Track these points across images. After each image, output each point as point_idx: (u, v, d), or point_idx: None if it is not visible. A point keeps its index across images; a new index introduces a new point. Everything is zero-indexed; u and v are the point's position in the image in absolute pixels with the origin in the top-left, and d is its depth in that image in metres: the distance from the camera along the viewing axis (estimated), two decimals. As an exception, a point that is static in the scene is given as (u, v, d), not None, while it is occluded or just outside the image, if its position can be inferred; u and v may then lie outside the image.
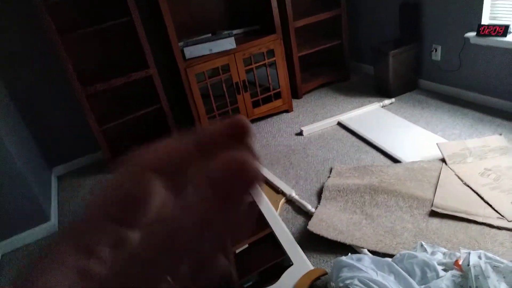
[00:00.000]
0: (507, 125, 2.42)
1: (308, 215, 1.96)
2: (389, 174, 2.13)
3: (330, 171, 2.29)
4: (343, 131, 2.74)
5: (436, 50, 2.92)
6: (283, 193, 2.15)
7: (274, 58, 2.98)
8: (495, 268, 1.28)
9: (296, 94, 3.39)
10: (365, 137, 2.57)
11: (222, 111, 2.94)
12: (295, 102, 3.30)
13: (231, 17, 3.15)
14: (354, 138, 2.62)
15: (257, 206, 0.20)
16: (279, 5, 2.93)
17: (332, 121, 2.88)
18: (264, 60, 2.94)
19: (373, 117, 2.84)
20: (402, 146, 2.39)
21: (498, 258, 1.34)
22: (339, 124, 2.84)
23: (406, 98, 3.05)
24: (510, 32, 2.40)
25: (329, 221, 1.87)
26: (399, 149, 2.36)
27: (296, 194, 2.12)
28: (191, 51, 2.70)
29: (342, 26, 3.36)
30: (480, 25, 2.49)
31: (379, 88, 3.19)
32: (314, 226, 1.85)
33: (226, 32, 2.91)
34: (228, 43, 2.76)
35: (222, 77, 2.83)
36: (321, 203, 2.02)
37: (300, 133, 2.81)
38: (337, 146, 2.57)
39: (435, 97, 2.97)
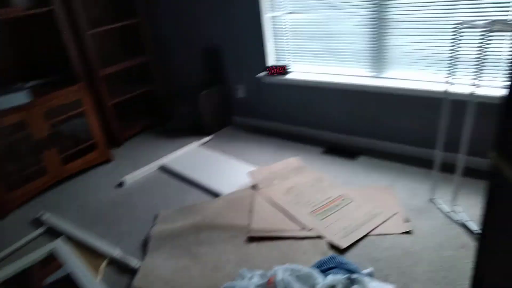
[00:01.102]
0: (301, 147, 2.86)
1: (134, 272, 1.84)
2: (210, 209, 2.22)
3: (156, 219, 2.24)
4: (166, 175, 2.74)
5: (239, 89, 3.28)
6: (104, 255, 1.97)
7: (82, 109, 2.78)
8: (298, 277, 1.46)
9: (114, 142, 3.24)
10: (187, 177, 2.63)
11: (25, 173, 2.55)
12: (114, 152, 3.15)
13: (27, 67, 2.82)
14: (177, 180, 2.65)
15: None
16: (83, 53, 2.78)
17: (154, 166, 2.85)
18: (71, 111, 2.72)
19: (194, 156, 2.95)
20: (221, 180, 2.54)
21: (300, 267, 1.53)
22: (162, 168, 2.84)
23: (222, 134, 3.29)
24: (288, 72, 2.90)
25: (156, 272, 1.80)
26: (218, 183, 2.50)
27: (120, 252, 1.98)
28: (-30, 111, 2.27)
29: (152, 71, 3.43)
30: (267, 67, 2.93)
31: (197, 128, 3.35)
32: (141, 282, 1.75)
33: (18, 85, 2.58)
34: (21, 97, 2.45)
35: (19, 135, 2.47)
36: (147, 255, 1.93)
37: (121, 184, 2.67)
38: (161, 191, 2.54)
39: (246, 130, 3.31)
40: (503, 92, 0.95)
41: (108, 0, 3.27)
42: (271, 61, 3.00)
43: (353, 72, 2.63)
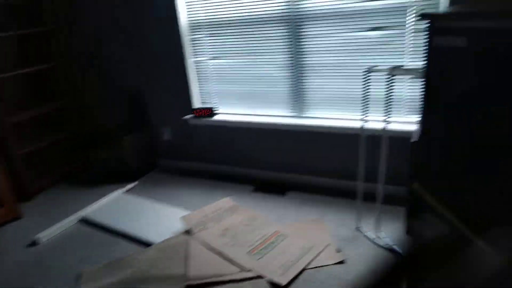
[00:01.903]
0: (232, 187, 2.87)
1: None
2: (142, 261, 2.08)
3: (79, 279, 2.01)
4: (88, 228, 2.52)
5: (165, 132, 3.22)
6: (17, 328, 1.70)
7: (-16, 161, 2.47)
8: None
9: (25, 196, 2.90)
10: (112, 228, 2.45)
11: None
12: (25, 207, 2.81)
13: None
14: (101, 232, 2.44)
15: None
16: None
17: (74, 219, 2.60)
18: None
19: (119, 204, 2.76)
20: (151, 228, 2.41)
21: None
22: (83, 220, 2.60)
23: (148, 179, 3.16)
24: (215, 113, 2.95)
25: None
26: (148, 231, 2.36)
27: (37, 322, 1.72)
28: None
29: (70, 117, 3.22)
30: (193, 109, 2.94)
31: (120, 174, 3.17)
32: None
33: None
34: None
35: None
36: (71, 321, 1.72)
37: (34, 243, 2.37)
38: (84, 247, 2.31)
39: (175, 173, 3.23)
40: (414, 129, 1.09)
41: (18, 45, 3.04)
42: (197, 103, 3.03)
43: (276, 113, 2.78)
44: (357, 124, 2.43)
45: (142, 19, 2.89)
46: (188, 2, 2.73)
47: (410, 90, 2.28)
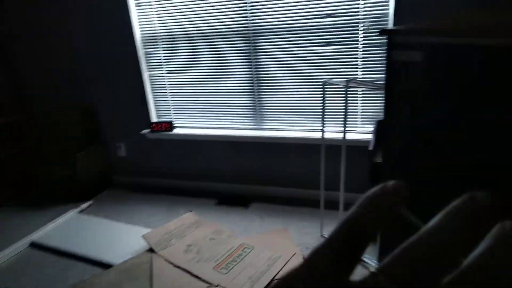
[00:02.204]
0: (194, 202, 2.82)
1: None
2: (103, 284, 1.96)
3: (31, 308, 1.86)
4: (40, 252, 2.34)
5: (120, 147, 3.10)
6: None
7: None
8: None
9: (-37, 223, 2.64)
10: (67, 251, 2.30)
11: None
12: (-36, 234, 2.56)
13: None
14: (55, 256, 2.28)
15: None
16: None
17: (23, 244, 2.41)
18: None
19: (73, 225, 2.61)
20: (111, 248, 2.29)
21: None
22: (33, 245, 2.42)
23: (104, 197, 3.02)
24: (174, 127, 2.90)
25: None
26: (108, 252, 2.25)
27: None
28: None
29: (18, 133, 3.00)
30: (151, 123, 2.87)
31: (74, 193, 3.00)
32: None
33: None
34: None
35: None
36: None
37: (-22, 273, 2.16)
38: (35, 273, 2.15)
39: (133, 190, 3.11)
40: (370, 138, 1.15)
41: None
42: (155, 117, 2.96)
43: (236, 125, 2.79)
44: (317, 135, 2.51)
45: (96, 33, 2.80)
46: (142, 15, 2.69)
47: (365, 101, 2.40)
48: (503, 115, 0.77)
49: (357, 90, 2.39)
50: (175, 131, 2.87)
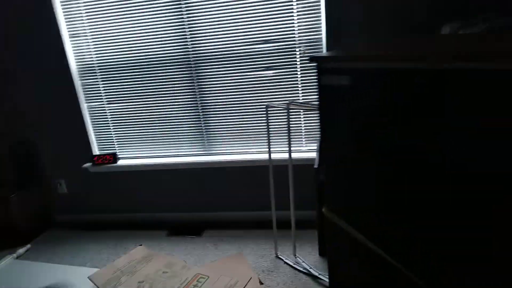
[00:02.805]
0: (144, 234, 2.71)
1: None
2: (45, 336, 1.80)
3: None
4: (-31, 309, 2.10)
5: (61, 184, 2.92)
6: None
7: None
8: None
9: None
10: (3, 303, 2.08)
11: None
12: None
13: None
14: (-12, 312, 2.06)
15: None
16: None
17: None
18: None
19: (9, 273, 2.38)
20: (54, 295, 2.12)
21: None
22: (-39, 301, 2.16)
23: (44, 239, 2.80)
24: (118, 159, 2.80)
25: None
26: (50, 300, 2.07)
27: None
28: None
29: None
30: (93, 156, 2.75)
31: (9, 238, 2.75)
32: None
33: None
34: None
35: None
36: None
37: None
38: (-35, 333, 1.92)
39: (76, 228, 2.92)
40: (315, 156, 1.21)
41: None
42: (97, 150, 2.84)
43: (183, 152, 2.76)
44: (264, 156, 2.55)
45: (28, 64, 2.66)
46: (77, 46, 2.60)
47: (307, 121, 2.49)
48: (417, 139, 0.84)
49: (299, 111, 2.48)
50: (120, 162, 2.77)
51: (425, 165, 0.84)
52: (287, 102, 2.01)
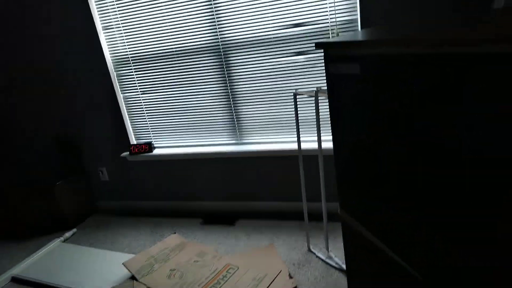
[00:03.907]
0: (179, 222, 2.76)
1: None
2: (82, 318, 1.89)
3: None
4: (21, 287, 2.27)
5: (102, 172, 3.04)
6: None
7: None
8: None
9: None
10: (50, 284, 2.22)
11: None
12: None
13: None
14: (35, 292, 2.21)
15: None
16: None
17: (3, 280, 2.33)
18: None
19: (56, 256, 2.54)
20: (93, 278, 2.22)
21: None
22: (15, 280, 2.34)
23: (88, 224, 2.95)
24: (154, 147, 2.85)
25: None
26: (90, 283, 2.17)
27: None
28: None
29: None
30: (130, 145, 2.82)
31: (56, 223, 2.93)
32: None
33: None
34: None
35: None
36: None
37: (-45, 316, 2.09)
38: (14, 311, 2.08)
39: (116, 214, 3.05)
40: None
41: None
42: (134, 139, 2.92)
43: (216, 141, 2.74)
44: (294, 146, 2.46)
45: (64, 59, 2.76)
46: (111, 38, 2.65)
47: (342, 108, 2.35)
48: (432, 127, 0.72)
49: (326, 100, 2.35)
50: (156, 151, 2.82)
51: (440, 152, 0.72)
52: (316, 89, 1.90)
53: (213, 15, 2.39)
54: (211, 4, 2.37)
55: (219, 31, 2.42)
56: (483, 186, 0.67)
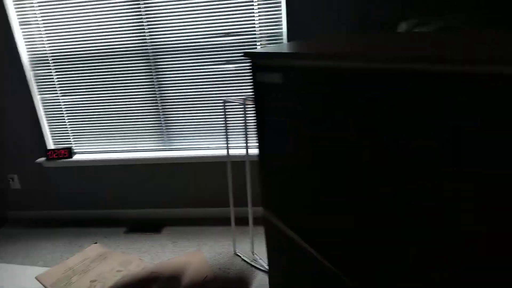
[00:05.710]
0: (101, 232, 2.63)
1: None
2: None
3: None
4: None
5: (13, 179, 2.79)
6: None
7: None
8: None
9: None
10: None
11: None
12: None
13: None
14: None
15: None
16: None
17: None
18: None
19: (-47, 275, 2.25)
20: (-1, 296, 2.02)
21: None
22: None
23: (-5, 237, 2.67)
24: (75, 153, 2.69)
25: None
26: (-5, 302, 1.97)
27: None
28: None
29: None
30: (47, 150, 2.63)
31: (-45, 237, 2.61)
32: None
33: None
34: None
35: None
36: None
37: None
38: None
39: (29, 225, 2.80)
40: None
41: None
42: (52, 144, 2.72)
43: (143, 147, 2.68)
44: (222, 152, 2.51)
45: (-26, 52, 2.50)
46: (28, 35, 2.47)
47: (268, 116, 2.46)
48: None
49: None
50: (76, 157, 2.66)
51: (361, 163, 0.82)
52: (244, 97, 1.98)
53: (141, 17, 2.36)
54: (139, 6, 2.34)
55: (148, 35, 2.39)
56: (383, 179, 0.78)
